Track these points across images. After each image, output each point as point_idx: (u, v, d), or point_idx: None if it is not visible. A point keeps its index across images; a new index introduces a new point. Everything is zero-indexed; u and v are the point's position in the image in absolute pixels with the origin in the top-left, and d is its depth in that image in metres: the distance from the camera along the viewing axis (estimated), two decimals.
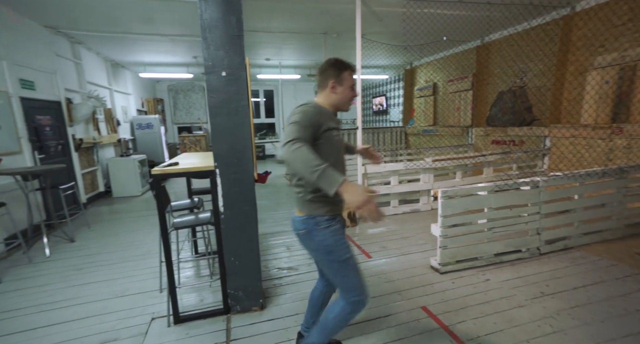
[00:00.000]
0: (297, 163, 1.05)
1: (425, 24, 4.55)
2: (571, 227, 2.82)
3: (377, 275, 2.48)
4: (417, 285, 2.31)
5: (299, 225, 1.32)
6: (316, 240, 1.29)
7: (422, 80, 7.89)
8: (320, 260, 1.34)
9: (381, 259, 2.77)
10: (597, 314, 1.88)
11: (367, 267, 2.62)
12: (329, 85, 1.34)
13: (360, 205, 0.98)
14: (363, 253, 2.92)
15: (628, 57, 3.65)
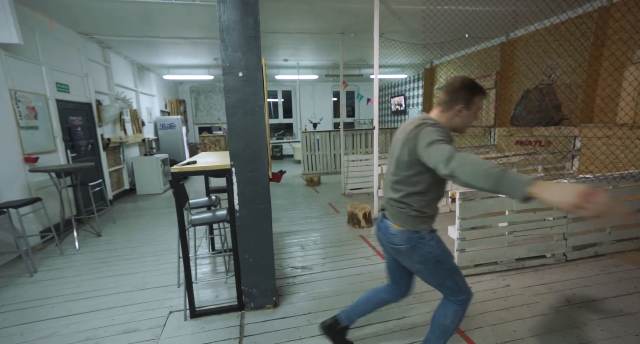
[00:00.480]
0: (469, 174, 0.91)
1: (446, 21, 4.43)
2: (603, 233, 2.65)
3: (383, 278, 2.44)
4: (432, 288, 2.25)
5: (399, 240, 1.29)
6: (423, 253, 1.28)
7: (442, 79, 7.69)
8: (425, 270, 1.32)
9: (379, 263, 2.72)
10: (630, 327, 1.76)
11: (382, 269, 2.58)
12: (455, 108, 1.24)
13: (577, 204, 0.74)
14: (378, 254, 2.88)
15: None
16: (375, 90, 3.72)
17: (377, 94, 3.75)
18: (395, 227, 1.30)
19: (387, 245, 1.37)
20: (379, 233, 1.41)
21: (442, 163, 0.98)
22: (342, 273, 2.54)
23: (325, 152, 7.47)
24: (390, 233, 1.32)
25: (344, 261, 2.75)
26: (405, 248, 1.29)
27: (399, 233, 1.28)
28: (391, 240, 1.32)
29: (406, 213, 1.27)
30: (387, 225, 1.34)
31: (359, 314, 1.62)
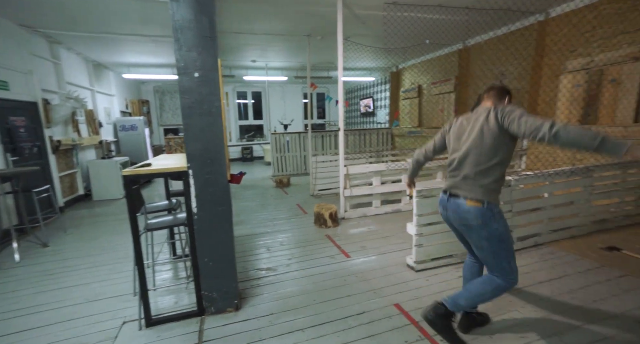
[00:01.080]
0: (575, 136, 1.16)
1: (408, 27, 4.64)
2: (541, 224, 2.91)
3: (354, 274, 2.51)
4: (392, 283, 2.35)
5: (473, 216, 1.44)
6: (492, 229, 1.43)
7: (407, 82, 8.02)
8: (488, 247, 1.47)
9: (359, 258, 2.80)
10: (558, 307, 1.95)
11: (345, 267, 2.65)
12: (504, 100, 1.61)
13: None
14: (342, 253, 2.95)
15: (595, 62, 3.80)
16: (340, 92, 3.81)
17: (342, 97, 3.84)
18: (470, 203, 1.46)
19: (456, 222, 1.55)
20: (446, 212, 1.61)
21: (545, 126, 1.22)
22: (307, 273, 2.57)
23: (295, 153, 7.48)
24: (464, 210, 1.48)
25: (309, 261, 2.78)
26: (477, 223, 1.45)
27: (474, 209, 1.45)
28: (464, 216, 1.49)
29: (486, 186, 1.45)
30: (459, 203, 1.50)
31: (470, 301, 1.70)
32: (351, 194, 3.97)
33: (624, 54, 3.55)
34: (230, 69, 7.66)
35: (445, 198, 1.61)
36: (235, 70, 7.80)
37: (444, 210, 1.62)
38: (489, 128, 1.43)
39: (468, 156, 1.50)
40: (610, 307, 1.93)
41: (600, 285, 2.18)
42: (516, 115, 1.35)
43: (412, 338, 1.74)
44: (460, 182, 1.53)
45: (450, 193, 1.59)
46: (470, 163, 1.48)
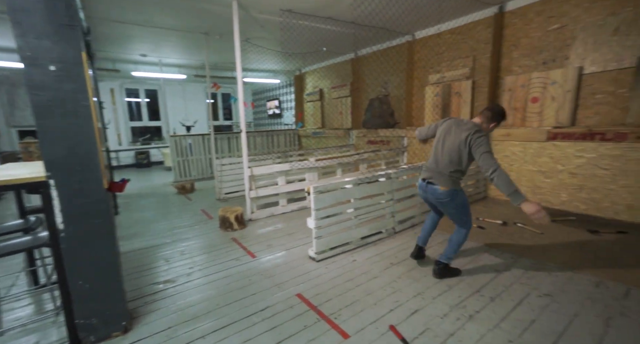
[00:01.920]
0: (501, 184, 1.91)
1: (305, 34, 4.92)
2: (414, 209, 3.56)
3: (259, 273, 2.56)
4: (295, 275, 2.50)
5: (445, 195, 2.17)
6: (457, 202, 2.20)
7: (310, 86, 8.47)
8: (455, 211, 2.24)
9: (266, 257, 2.87)
10: (422, 272, 2.44)
11: (251, 267, 2.67)
12: (491, 124, 2.17)
13: (534, 213, 1.82)
14: (248, 253, 2.96)
15: (445, 78, 4.84)
16: (240, 93, 3.78)
17: (242, 97, 3.82)
18: (443, 188, 2.16)
19: (433, 200, 2.27)
20: (425, 194, 2.33)
21: (490, 170, 1.93)
22: (209, 279, 2.49)
23: (199, 156, 7.01)
24: (439, 193, 2.19)
25: (212, 267, 2.70)
26: (448, 200, 2.18)
27: (445, 192, 2.16)
28: (439, 196, 2.20)
29: (453, 179, 2.16)
30: (435, 188, 2.20)
31: (426, 236, 2.59)
32: (257, 195, 3.99)
33: (460, 73, 4.62)
34: (113, 63, 6.62)
35: (425, 184, 2.30)
36: (120, 64, 6.78)
37: (424, 192, 2.33)
38: (463, 148, 2.09)
39: (444, 159, 2.18)
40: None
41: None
42: (481, 150, 1.99)
43: (311, 321, 1.91)
44: (436, 175, 2.21)
45: (428, 181, 2.25)
46: (445, 164, 2.18)
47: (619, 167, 3.26)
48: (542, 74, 3.80)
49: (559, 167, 3.72)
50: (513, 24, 4.06)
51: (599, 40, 3.36)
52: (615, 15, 3.23)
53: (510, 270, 2.43)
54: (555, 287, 2.15)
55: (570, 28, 3.55)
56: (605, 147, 3.33)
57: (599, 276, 2.27)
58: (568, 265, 2.44)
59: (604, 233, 3.02)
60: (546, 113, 3.82)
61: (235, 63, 3.66)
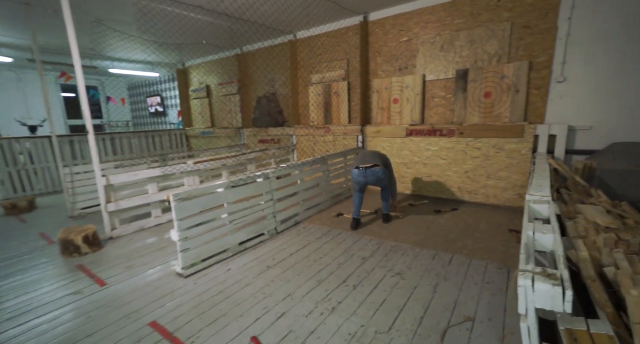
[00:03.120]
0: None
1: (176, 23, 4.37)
2: (297, 206, 3.61)
3: (107, 305, 2.11)
4: (154, 299, 2.15)
5: (382, 172, 3.10)
6: (387, 175, 3.18)
7: (195, 82, 7.73)
8: (386, 181, 3.21)
9: (119, 283, 2.40)
10: (297, 271, 2.46)
11: (96, 299, 2.18)
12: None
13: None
14: (96, 282, 2.42)
15: (325, 78, 5.11)
16: (80, 84, 3.06)
17: (83, 90, 3.10)
18: (377, 168, 3.08)
19: (374, 180, 3.12)
20: (366, 178, 3.10)
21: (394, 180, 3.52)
22: (30, 326, 1.90)
23: (45, 164, 5.51)
24: (377, 171, 3.07)
25: (33, 311, 2.08)
26: (384, 176, 3.12)
27: (382, 170, 3.08)
28: (379, 176, 3.09)
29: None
30: (375, 171, 3.08)
31: (360, 209, 3.34)
32: (118, 208, 3.35)
33: (337, 74, 4.96)
34: None
35: (364, 170, 3.09)
36: None
37: (364, 177, 3.10)
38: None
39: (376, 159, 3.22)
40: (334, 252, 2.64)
41: (326, 242, 2.95)
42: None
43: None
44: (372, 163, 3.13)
45: (365, 167, 3.10)
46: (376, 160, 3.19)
47: (452, 157, 4.05)
48: (399, 79, 4.38)
49: (416, 159, 4.39)
50: (375, 32, 4.55)
51: (432, 54, 4.07)
52: (440, 35, 3.96)
53: (374, 255, 2.68)
54: (405, 265, 2.47)
55: (414, 42, 4.19)
56: (443, 141, 4.08)
57: (436, 249, 2.72)
58: (418, 244, 2.86)
59: (444, 212, 3.69)
60: (404, 113, 4.44)
61: (70, 44, 2.94)
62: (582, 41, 3.18)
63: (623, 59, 3.02)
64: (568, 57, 3.27)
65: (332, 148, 5.16)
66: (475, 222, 3.32)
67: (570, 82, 3.31)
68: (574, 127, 3.36)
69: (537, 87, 3.51)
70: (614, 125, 3.15)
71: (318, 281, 2.31)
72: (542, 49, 3.40)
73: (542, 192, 1.74)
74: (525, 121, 3.61)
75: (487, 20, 3.66)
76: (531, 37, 3.43)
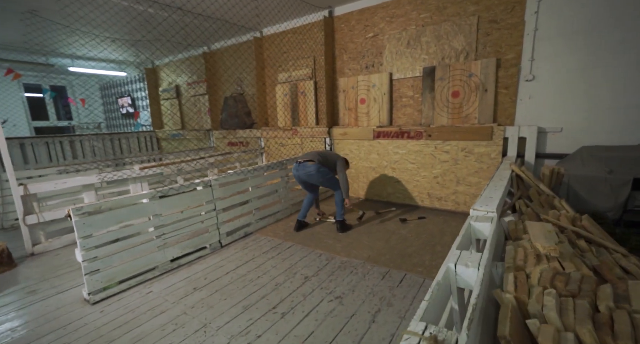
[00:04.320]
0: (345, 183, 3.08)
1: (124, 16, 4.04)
2: (250, 215, 3.29)
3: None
4: (45, 333, 1.81)
5: (313, 168, 2.99)
6: (322, 172, 3.02)
7: (165, 82, 7.37)
8: (324, 181, 3.08)
9: (11, 313, 2.04)
10: (225, 293, 2.14)
11: None
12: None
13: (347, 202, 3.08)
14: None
15: (292, 77, 4.81)
16: None
17: None
18: (310, 164, 3.00)
19: (304, 176, 3.06)
20: (298, 172, 3.09)
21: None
22: None
23: None
24: (310, 167, 3.00)
25: None
26: (315, 173, 2.99)
27: (315, 166, 2.99)
28: (309, 169, 3.01)
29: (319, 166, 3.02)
30: (306, 165, 3.02)
31: (306, 211, 3.29)
32: (43, 220, 2.98)
33: (304, 73, 4.67)
34: None
35: (297, 165, 3.06)
36: None
37: (297, 170, 3.08)
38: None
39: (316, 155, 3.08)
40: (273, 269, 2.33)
41: (271, 257, 2.63)
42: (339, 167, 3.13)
43: None
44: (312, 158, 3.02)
45: (302, 161, 3.04)
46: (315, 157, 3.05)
47: (421, 160, 3.78)
48: (366, 77, 4.11)
49: (384, 163, 4.11)
50: (341, 28, 4.27)
51: (399, 51, 3.81)
52: (406, 30, 3.71)
53: (319, 274, 2.38)
54: (349, 287, 2.17)
55: (381, 38, 3.92)
56: (412, 144, 3.81)
57: (389, 266, 2.43)
58: (371, 259, 2.56)
59: (410, 221, 3.41)
60: (372, 114, 4.16)
61: None
62: (549, 36, 2.95)
63: (591, 56, 2.79)
64: (536, 54, 3.03)
65: (300, 151, 4.86)
66: (440, 233, 3.05)
67: (539, 80, 3.08)
68: (545, 129, 3.12)
69: (505, 86, 3.26)
70: (584, 127, 2.91)
71: (244, 307, 1.99)
72: (509, 45, 3.15)
73: (488, 207, 1.46)
74: (495, 122, 3.36)
75: (454, 14, 3.41)
76: (498, 32, 3.19)
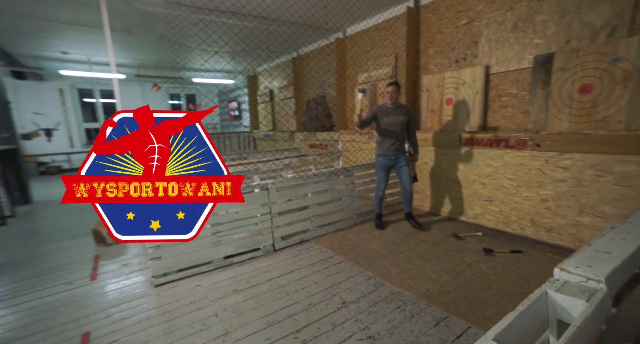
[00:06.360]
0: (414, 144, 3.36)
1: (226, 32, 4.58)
2: (307, 222, 3.19)
3: (76, 302, 2.19)
4: (112, 305, 2.14)
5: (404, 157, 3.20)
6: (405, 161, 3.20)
7: (262, 87, 8.13)
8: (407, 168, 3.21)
9: (106, 280, 2.51)
10: (259, 302, 2.08)
11: (76, 294, 2.30)
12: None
13: None
14: (92, 275, 2.60)
15: (371, 77, 4.49)
16: (116, 90, 3.43)
17: (118, 92, 3.47)
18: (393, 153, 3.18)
19: (396, 161, 3.19)
20: (390, 161, 3.19)
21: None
22: (21, 308, 2.13)
23: None
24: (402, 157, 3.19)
25: (36, 292, 2.34)
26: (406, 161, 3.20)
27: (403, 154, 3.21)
28: (401, 158, 3.18)
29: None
30: (400, 155, 3.18)
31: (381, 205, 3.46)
32: None
33: (384, 72, 4.28)
34: (37, 60, 6.26)
35: (390, 157, 3.19)
36: (45, 62, 6.42)
37: (389, 160, 3.18)
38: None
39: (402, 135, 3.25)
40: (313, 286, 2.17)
41: (317, 271, 2.46)
42: None
43: None
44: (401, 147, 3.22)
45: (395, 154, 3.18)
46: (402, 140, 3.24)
47: (523, 177, 2.91)
48: (454, 74, 3.46)
49: (472, 176, 3.37)
50: (428, 19, 3.72)
51: (500, 38, 3.03)
52: (513, 10, 2.89)
53: (359, 301, 2.07)
54: (388, 327, 1.79)
55: (476, 24, 3.21)
56: (511, 155, 2.98)
57: (449, 310, 1.91)
58: (427, 296, 2.08)
59: (498, 253, 2.66)
60: (459, 117, 3.48)
61: (109, 57, 3.31)
62: None
63: None
64: None
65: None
66: (538, 277, 2.26)
67: None
68: None
69: None
70: None
71: (269, 322, 1.88)
72: None
73: (592, 269, 0.90)
74: None
75: None
76: None
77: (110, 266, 2.76)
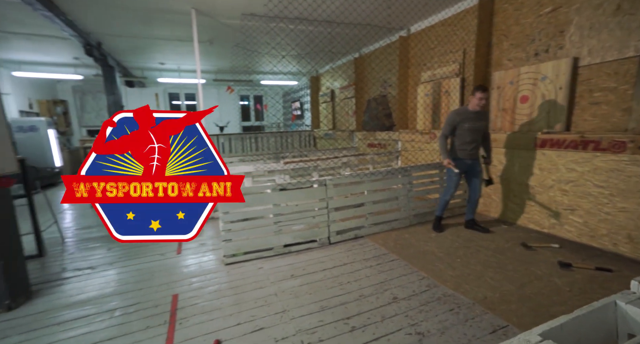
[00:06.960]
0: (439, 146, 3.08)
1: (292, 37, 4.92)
2: (362, 219, 3.26)
3: (167, 270, 2.66)
4: (194, 275, 2.53)
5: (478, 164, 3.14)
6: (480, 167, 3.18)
7: (324, 87, 8.39)
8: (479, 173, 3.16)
9: (188, 255, 2.96)
10: (313, 288, 2.24)
11: (166, 264, 2.78)
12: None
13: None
14: (178, 249, 3.09)
15: (435, 75, 4.31)
16: (199, 93, 3.96)
17: (201, 95, 3.99)
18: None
19: (472, 167, 3.11)
20: (465, 166, 3.09)
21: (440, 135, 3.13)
22: (123, 271, 2.68)
23: None
24: (478, 163, 3.13)
25: (136, 259, 2.90)
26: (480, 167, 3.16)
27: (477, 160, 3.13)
28: (476, 164, 3.12)
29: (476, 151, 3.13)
30: (476, 161, 3.12)
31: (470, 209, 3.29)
32: None
33: (450, 69, 4.07)
34: (142, 71, 7.54)
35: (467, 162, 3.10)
36: (147, 71, 7.69)
37: (466, 164, 3.09)
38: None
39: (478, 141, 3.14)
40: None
41: (369, 266, 2.52)
42: None
43: (155, 323, 1.93)
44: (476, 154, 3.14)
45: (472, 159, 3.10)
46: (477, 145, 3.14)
47: (617, 184, 2.51)
48: (532, 68, 3.14)
49: (549, 182, 3.03)
50: (504, 10, 3.44)
51: (597, 24, 2.64)
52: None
53: (411, 298, 2.08)
54: (439, 326, 1.77)
55: (564, 10, 2.86)
56: (602, 159, 2.60)
57: (510, 320, 1.79)
58: (485, 303, 1.98)
59: (578, 269, 2.36)
60: (536, 116, 3.15)
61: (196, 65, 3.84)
62: None
63: None
64: None
65: (439, 158, 4.33)
66: None
67: None
68: None
69: None
70: None
71: (322, 307, 2.02)
72: None
73: None
74: None
75: None
76: None
77: (190, 244, 3.24)
